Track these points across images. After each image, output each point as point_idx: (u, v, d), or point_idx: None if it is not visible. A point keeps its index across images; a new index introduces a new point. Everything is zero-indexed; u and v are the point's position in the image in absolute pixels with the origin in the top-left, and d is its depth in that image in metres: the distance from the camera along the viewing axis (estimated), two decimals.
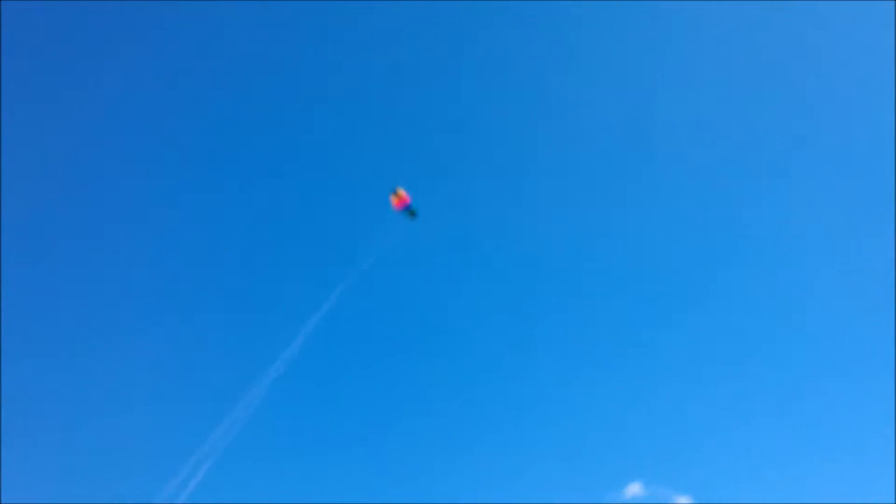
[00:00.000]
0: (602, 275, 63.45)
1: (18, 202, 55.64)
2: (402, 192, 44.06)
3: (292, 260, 63.10)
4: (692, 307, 61.17)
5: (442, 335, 60.98)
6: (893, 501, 44.21)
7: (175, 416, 52.06)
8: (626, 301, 61.84)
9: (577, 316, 61.84)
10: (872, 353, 53.93)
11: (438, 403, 57.38)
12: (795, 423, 54.29)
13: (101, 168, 61.84)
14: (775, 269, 61.18)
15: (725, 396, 56.12)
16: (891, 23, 59.03)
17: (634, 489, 49.66)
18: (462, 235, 65.45)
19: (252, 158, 65.93)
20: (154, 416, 51.72)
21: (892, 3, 59.12)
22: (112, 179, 61.52)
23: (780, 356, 57.48)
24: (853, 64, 62.82)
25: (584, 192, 66.75)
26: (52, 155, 59.75)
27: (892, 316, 51.58)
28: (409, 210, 44.58)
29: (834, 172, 62.51)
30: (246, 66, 66.65)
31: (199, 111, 66.03)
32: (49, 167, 59.59)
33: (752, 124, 64.92)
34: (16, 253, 54.25)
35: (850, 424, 52.15)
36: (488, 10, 66.80)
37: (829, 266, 59.70)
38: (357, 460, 53.46)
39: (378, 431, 55.25)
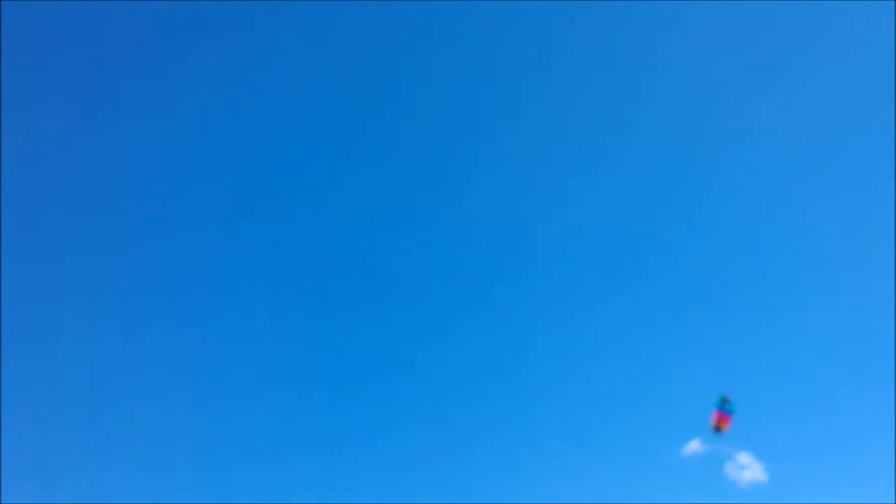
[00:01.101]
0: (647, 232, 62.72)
1: (18, 202, 55.87)
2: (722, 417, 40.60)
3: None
4: (761, 260, 60.26)
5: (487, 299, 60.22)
6: (893, 502, 44.07)
7: (176, 416, 52.19)
8: (682, 261, 61.27)
9: (633, 271, 60.96)
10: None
11: (488, 362, 56.98)
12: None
13: (102, 168, 62.05)
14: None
15: (791, 353, 55.60)
16: (891, 23, 59.05)
17: (694, 446, 48.93)
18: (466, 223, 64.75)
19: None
20: (155, 415, 51.85)
21: (893, 2, 59.11)
22: (117, 179, 61.78)
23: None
24: (853, 64, 62.89)
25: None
26: (51, 155, 60.02)
27: (893, 315, 51.49)
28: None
29: (833, 172, 62.62)
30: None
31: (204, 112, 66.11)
32: (49, 167, 59.85)
33: (750, 124, 65.03)
34: (16, 252, 54.42)
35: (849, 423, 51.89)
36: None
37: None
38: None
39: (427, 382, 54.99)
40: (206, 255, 60.97)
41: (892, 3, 59.03)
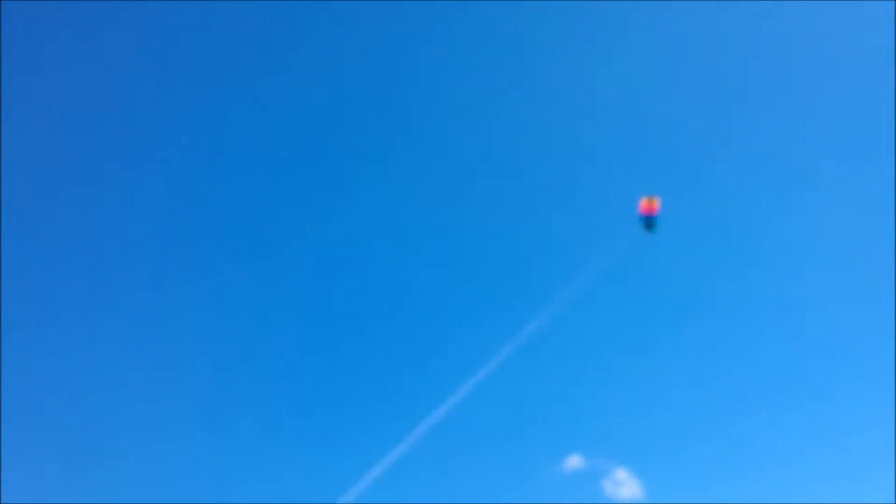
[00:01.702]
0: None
1: (18, 202, 55.88)
2: (654, 200, 41.70)
3: None
4: (636, 285, 60.09)
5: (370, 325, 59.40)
6: (893, 502, 44.16)
7: (175, 416, 52.20)
8: (568, 275, 60.60)
9: (514, 290, 60.03)
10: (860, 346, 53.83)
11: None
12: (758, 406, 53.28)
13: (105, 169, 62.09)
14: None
15: (668, 369, 55.34)
16: (891, 23, 59.08)
17: (574, 462, 48.96)
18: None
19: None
20: (155, 416, 51.88)
21: (892, 2, 59.16)
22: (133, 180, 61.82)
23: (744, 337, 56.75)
24: (853, 64, 62.88)
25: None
26: (51, 155, 60.04)
27: (892, 315, 51.56)
28: (650, 220, 41.96)
29: (833, 172, 62.64)
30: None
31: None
32: (49, 167, 59.86)
33: (750, 125, 65.08)
34: (16, 253, 54.41)
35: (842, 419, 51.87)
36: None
37: (824, 262, 59.44)
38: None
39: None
40: (198, 246, 61.07)
41: (892, 3, 59.11)
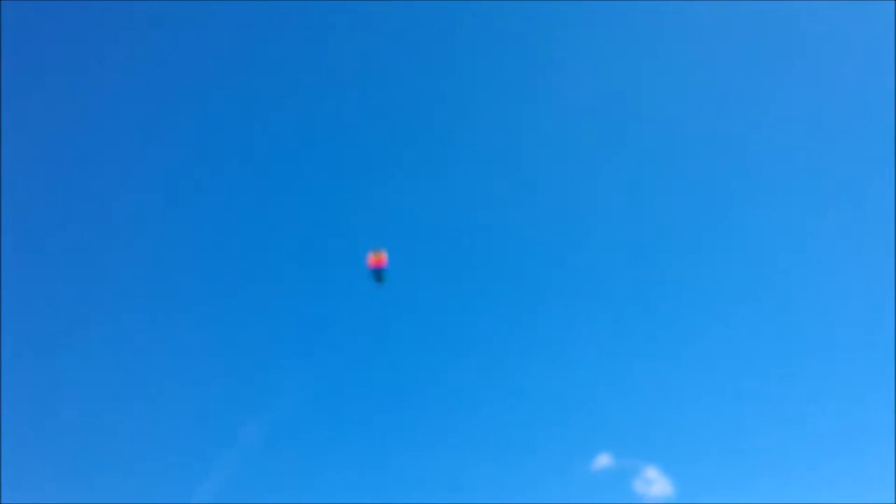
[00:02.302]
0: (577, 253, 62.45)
1: (18, 202, 55.94)
2: (381, 254, 42.19)
3: None
4: (663, 283, 60.28)
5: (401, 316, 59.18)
6: (893, 502, 44.17)
7: (175, 417, 52.22)
8: (595, 273, 60.87)
9: (543, 288, 60.39)
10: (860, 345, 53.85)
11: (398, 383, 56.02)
12: (778, 406, 53.32)
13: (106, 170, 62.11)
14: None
15: (697, 369, 55.48)
16: (891, 23, 59.07)
17: (603, 460, 49.11)
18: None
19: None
20: (154, 417, 51.88)
21: (892, 3, 59.15)
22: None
23: (765, 342, 56.57)
24: (853, 64, 62.86)
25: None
26: (51, 155, 60.11)
27: (892, 315, 51.56)
28: (379, 273, 42.36)
29: (833, 172, 62.63)
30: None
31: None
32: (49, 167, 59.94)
33: (750, 125, 65.03)
34: (16, 253, 54.46)
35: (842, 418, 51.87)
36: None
37: (825, 263, 59.46)
38: None
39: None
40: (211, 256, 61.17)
41: (892, 3, 59.10)
